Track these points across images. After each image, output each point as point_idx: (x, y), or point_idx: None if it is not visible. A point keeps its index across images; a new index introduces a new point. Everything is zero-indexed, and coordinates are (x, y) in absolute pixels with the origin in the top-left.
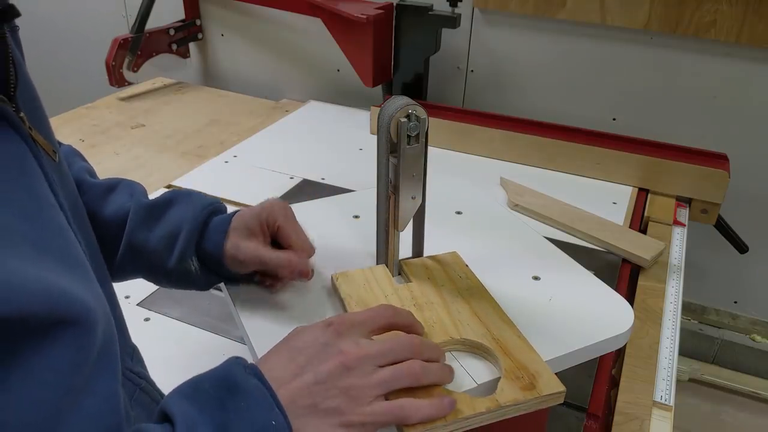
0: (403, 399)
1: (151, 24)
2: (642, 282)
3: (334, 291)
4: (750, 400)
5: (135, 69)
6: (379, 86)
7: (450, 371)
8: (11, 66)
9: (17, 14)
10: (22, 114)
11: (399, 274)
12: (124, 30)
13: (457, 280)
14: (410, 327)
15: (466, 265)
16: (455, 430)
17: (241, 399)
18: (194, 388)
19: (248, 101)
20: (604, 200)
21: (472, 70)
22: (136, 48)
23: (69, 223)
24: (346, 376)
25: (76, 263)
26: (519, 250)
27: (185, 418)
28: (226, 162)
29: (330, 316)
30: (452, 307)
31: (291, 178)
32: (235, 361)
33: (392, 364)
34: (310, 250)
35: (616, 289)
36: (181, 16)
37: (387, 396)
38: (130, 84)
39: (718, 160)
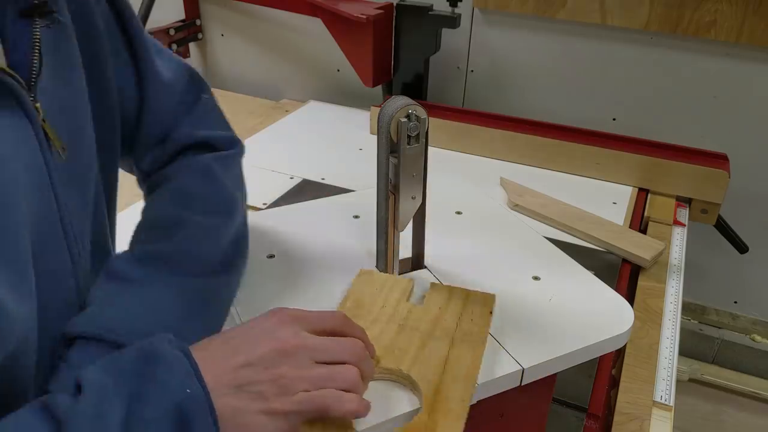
0: (328, 389)
1: (151, 24)
2: (642, 282)
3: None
4: (750, 400)
5: None
6: (379, 86)
7: (367, 405)
8: (36, 55)
9: (50, 10)
10: (38, 104)
11: (401, 274)
12: None
13: (464, 322)
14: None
15: (491, 312)
16: None
17: (158, 368)
18: (111, 359)
19: (248, 101)
20: (604, 200)
21: (472, 70)
22: None
23: (63, 224)
24: (278, 363)
25: (7, 265)
26: (519, 250)
27: (94, 386)
28: None
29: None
30: (431, 343)
31: (291, 178)
32: (162, 336)
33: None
34: None
35: (616, 289)
36: (181, 16)
37: None
38: None
39: (718, 160)
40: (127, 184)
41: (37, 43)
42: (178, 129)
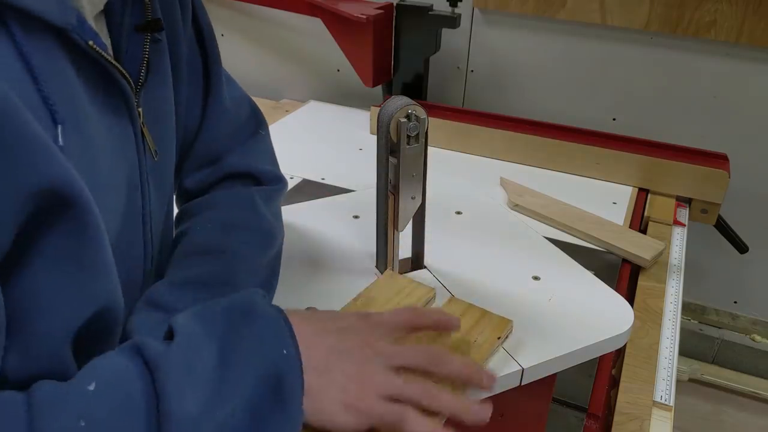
0: (410, 409)
1: None
2: (642, 282)
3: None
4: (750, 400)
5: None
6: (379, 86)
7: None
8: (144, 66)
9: (161, 28)
10: (140, 109)
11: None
12: None
13: (463, 342)
14: (436, 325)
15: (499, 338)
16: None
17: (253, 323)
18: (205, 307)
19: None
20: (604, 200)
21: (472, 70)
22: None
23: (144, 222)
24: (364, 360)
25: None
26: (519, 250)
27: (187, 334)
28: None
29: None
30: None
31: (291, 178)
32: (256, 291)
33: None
34: None
35: (616, 289)
36: None
37: None
38: None
39: (718, 160)
40: None
41: (147, 56)
42: (228, 156)
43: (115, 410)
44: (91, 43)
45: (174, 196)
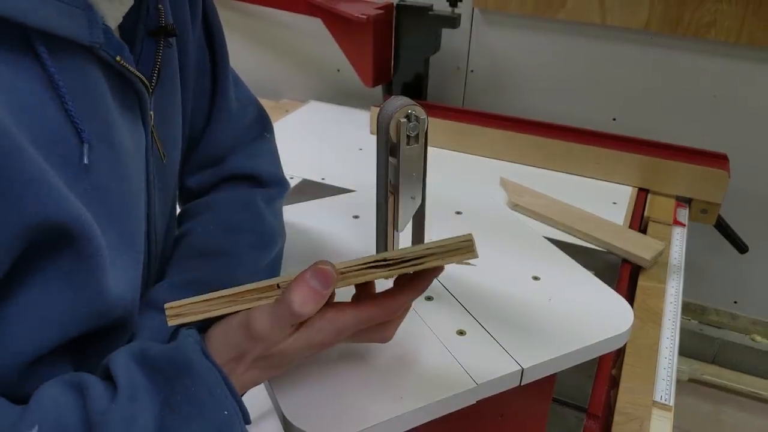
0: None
1: None
2: (642, 282)
3: None
4: (750, 400)
5: None
6: (379, 86)
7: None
8: (156, 70)
9: (174, 33)
10: (151, 112)
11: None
12: None
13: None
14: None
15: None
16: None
17: (191, 384)
18: (145, 355)
19: None
20: (604, 200)
21: (472, 70)
22: None
23: (149, 224)
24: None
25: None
26: (519, 250)
27: (129, 390)
28: None
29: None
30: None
31: (291, 177)
32: (188, 337)
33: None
34: None
35: (616, 290)
36: None
37: None
38: None
39: (718, 160)
40: None
41: (159, 60)
42: (232, 157)
43: None
44: (118, 58)
45: (176, 196)
